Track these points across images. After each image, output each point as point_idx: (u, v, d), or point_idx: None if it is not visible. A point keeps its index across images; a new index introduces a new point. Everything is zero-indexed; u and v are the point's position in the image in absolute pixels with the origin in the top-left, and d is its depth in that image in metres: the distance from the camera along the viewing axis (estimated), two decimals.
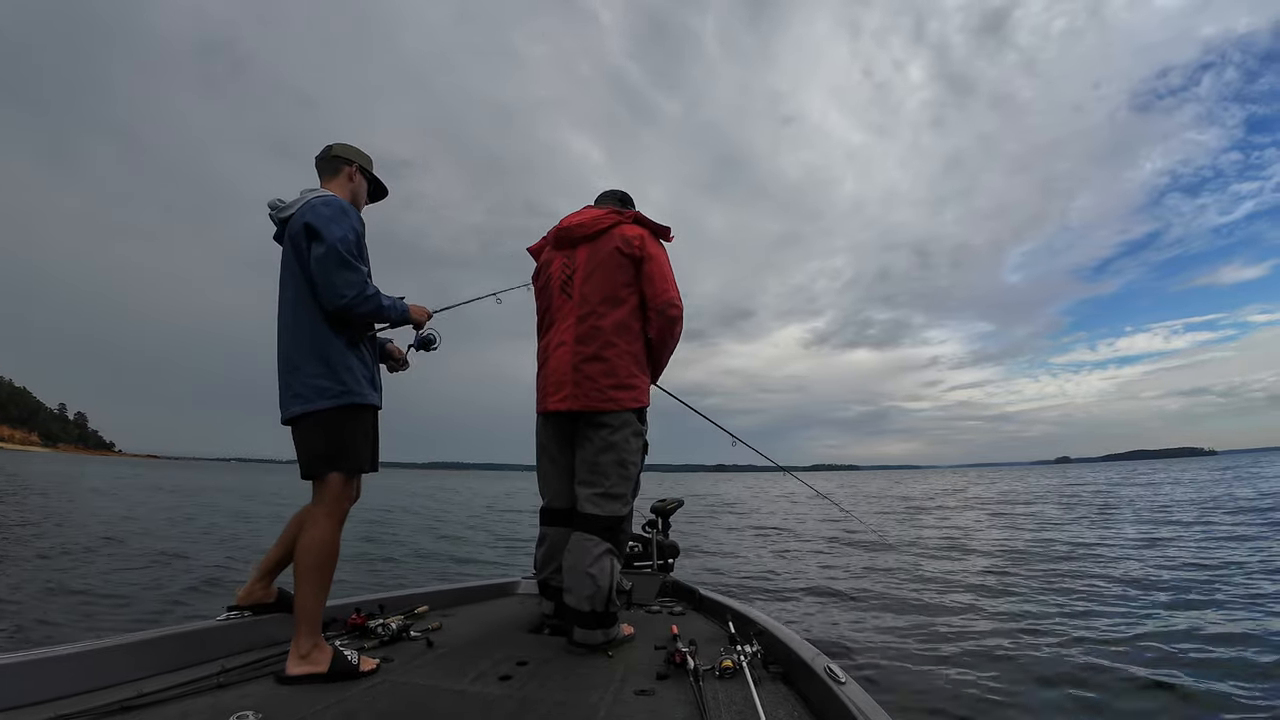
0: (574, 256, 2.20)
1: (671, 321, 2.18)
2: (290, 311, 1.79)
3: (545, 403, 2.17)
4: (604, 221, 2.18)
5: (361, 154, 2.05)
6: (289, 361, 1.77)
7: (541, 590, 2.32)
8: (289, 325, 1.79)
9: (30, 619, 4.22)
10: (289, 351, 1.77)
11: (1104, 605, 5.33)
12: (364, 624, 2.05)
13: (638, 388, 2.15)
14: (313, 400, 1.74)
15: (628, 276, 2.14)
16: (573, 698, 1.52)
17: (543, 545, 2.28)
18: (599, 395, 2.06)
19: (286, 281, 1.81)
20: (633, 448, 2.12)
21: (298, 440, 1.78)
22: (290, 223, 1.81)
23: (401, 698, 1.51)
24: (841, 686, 1.35)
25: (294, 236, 1.78)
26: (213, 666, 1.60)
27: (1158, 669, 3.66)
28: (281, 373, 1.79)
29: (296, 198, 1.86)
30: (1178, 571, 6.53)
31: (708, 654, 1.77)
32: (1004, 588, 6.26)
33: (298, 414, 1.75)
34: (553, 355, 2.17)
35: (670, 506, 3.48)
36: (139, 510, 13.19)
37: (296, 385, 1.75)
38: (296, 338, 1.77)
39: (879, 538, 10.03)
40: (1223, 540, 8.71)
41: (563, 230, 2.25)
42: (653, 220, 2.25)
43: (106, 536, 8.48)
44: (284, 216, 1.83)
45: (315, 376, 1.75)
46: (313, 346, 1.77)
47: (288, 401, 1.77)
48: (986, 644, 4.31)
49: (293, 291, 1.79)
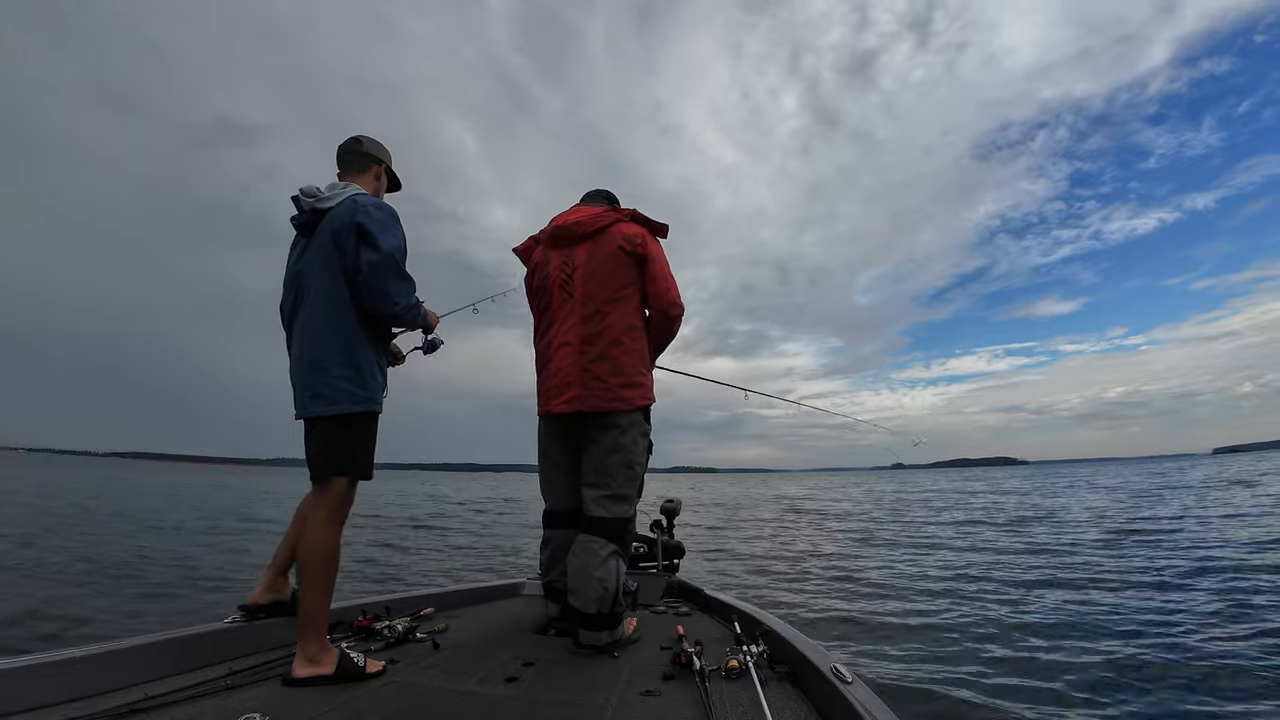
0: (573, 255, 2.16)
1: (672, 321, 2.21)
2: (322, 308, 1.75)
3: (549, 404, 2.11)
4: (603, 219, 2.16)
5: (387, 152, 2.06)
6: (315, 360, 1.73)
7: (546, 593, 2.28)
8: (320, 322, 1.75)
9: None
10: (316, 349, 1.74)
11: (1101, 604, 5.31)
12: (370, 626, 2.05)
13: (645, 385, 2.14)
14: (338, 403, 1.73)
15: (630, 275, 2.13)
16: (579, 699, 1.52)
17: (547, 548, 2.23)
18: (608, 395, 2.04)
19: (315, 275, 1.77)
20: (639, 448, 2.12)
21: (314, 440, 1.76)
22: (331, 217, 1.77)
23: (408, 699, 1.51)
24: (848, 686, 1.34)
25: (338, 233, 1.75)
26: (220, 669, 1.60)
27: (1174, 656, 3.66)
28: (302, 369, 1.75)
29: (331, 188, 1.83)
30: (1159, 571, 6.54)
31: (714, 654, 1.77)
32: (1002, 587, 6.23)
33: (322, 415, 1.72)
34: (556, 356, 2.11)
35: (677, 507, 3.48)
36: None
37: (321, 385, 1.72)
38: (328, 337, 1.75)
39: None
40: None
41: (560, 228, 2.20)
42: (650, 218, 2.23)
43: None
44: (324, 208, 1.79)
45: (343, 380, 1.74)
46: (344, 348, 1.75)
47: (309, 401, 1.73)
48: (989, 644, 4.30)
49: (326, 288, 1.76)
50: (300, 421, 1.82)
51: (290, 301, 1.85)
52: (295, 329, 1.81)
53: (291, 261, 1.87)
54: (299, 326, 1.79)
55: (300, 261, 1.83)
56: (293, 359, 1.80)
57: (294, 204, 1.83)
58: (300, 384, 1.76)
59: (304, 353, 1.76)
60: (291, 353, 1.82)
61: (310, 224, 1.82)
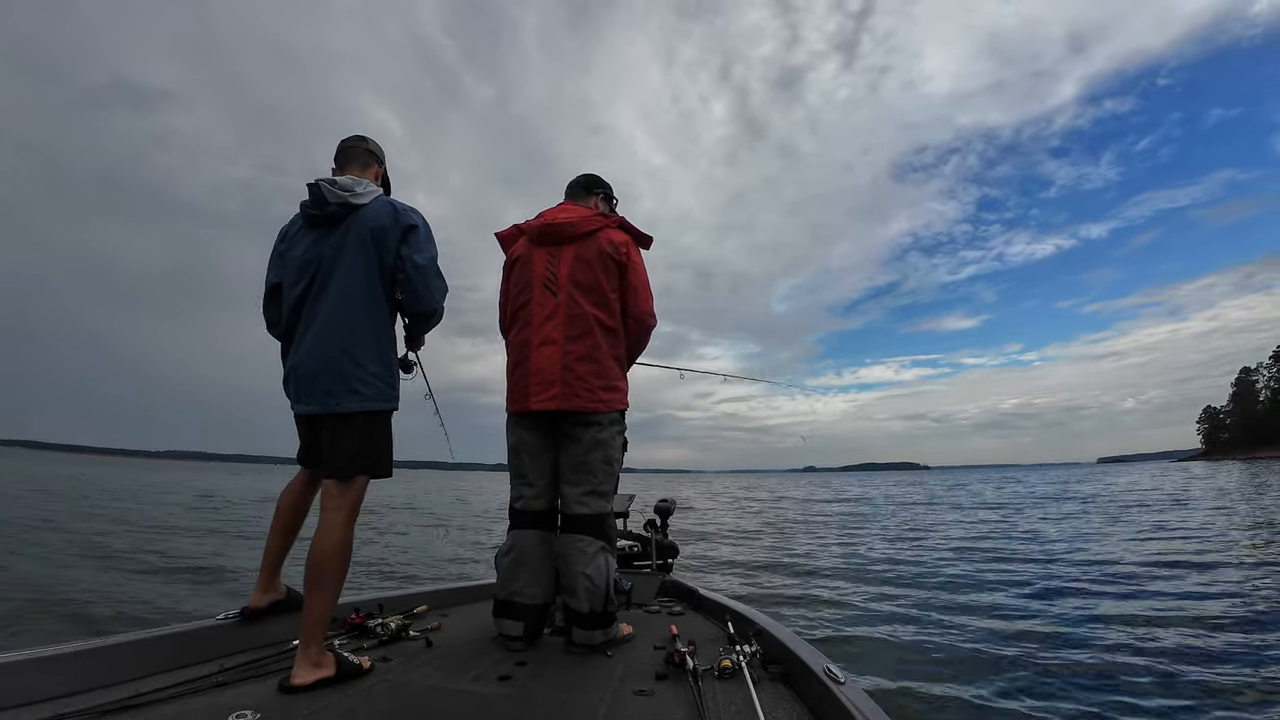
0: (560, 254, 2.16)
1: (647, 330, 2.26)
2: (359, 303, 1.75)
3: (527, 401, 2.05)
4: (593, 223, 2.17)
5: (383, 154, 2.11)
6: (349, 352, 1.71)
7: (504, 610, 2.02)
8: (358, 317, 1.74)
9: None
10: (350, 342, 1.72)
11: (1101, 604, 5.34)
12: (363, 624, 2.04)
13: (622, 390, 2.16)
14: (371, 400, 1.71)
15: (613, 280, 2.14)
16: (572, 698, 1.52)
17: (510, 554, 2.06)
18: (590, 396, 2.04)
19: (347, 269, 1.75)
20: (617, 445, 2.13)
21: (337, 436, 1.71)
22: (366, 214, 1.79)
23: (401, 697, 1.50)
24: (840, 687, 1.35)
25: (378, 232, 1.77)
26: (211, 666, 1.60)
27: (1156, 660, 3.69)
28: (330, 358, 1.70)
29: (356, 183, 1.82)
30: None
31: (707, 654, 1.77)
32: (999, 588, 6.26)
33: (355, 410, 1.69)
34: (537, 352, 2.07)
35: (671, 507, 3.48)
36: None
37: (354, 380, 1.70)
38: (363, 331, 1.74)
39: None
40: None
41: (551, 226, 2.18)
42: (636, 228, 2.26)
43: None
44: (357, 204, 1.79)
45: (376, 377, 1.73)
46: (378, 344, 1.76)
47: (340, 394, 1.69)
48: (986, 644, 4.31)
49: (361, 284, 1.75)
50: (285, 416, 1.80)
51: (302, 289, 1.79)
52: (316, 318, 1.76)
53: (301, 249, 1.82)
54: (323, 316, 1.74)
55: (315, 250, 1.79)
56: (308, 347, 1.74)
57: (312, 192, 1.80)
58: (325, 373, 1.70)
59: (335, 342, 1.71)
60: (300, 341, 1.77)
61: (336, 217, 1.80)
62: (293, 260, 1.84)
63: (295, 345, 1.79)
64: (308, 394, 1.73)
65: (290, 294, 1.83)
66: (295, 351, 1.78)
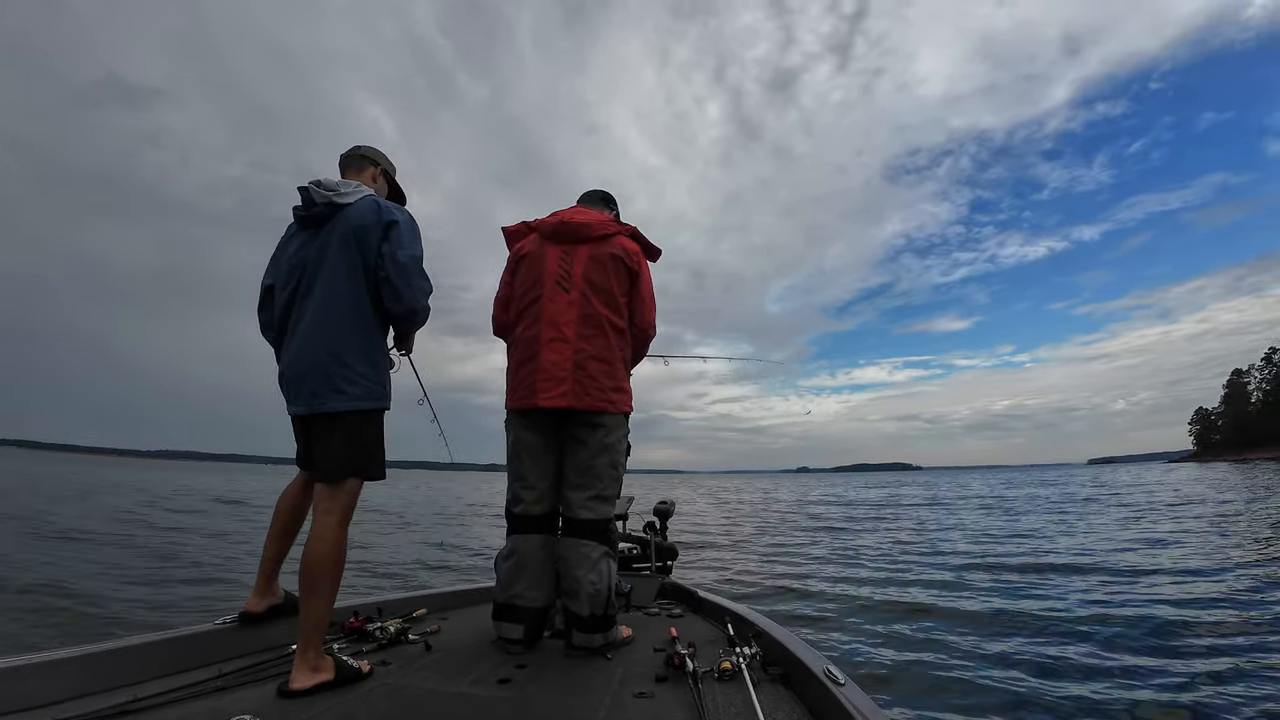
0: (574, 253, 2.15)
1: (648, 340, 2.30)
2: (343, 304, 1.73)
3: (534, 398, 2.01)
4: (608, 228, 2.19)
5: (387, 159, 2.08)
6: (334, 353, 1.69)
7: (504, 613, 2.01)
8: (343, 317, 1.73)
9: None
10: (336, 342, 1.70)
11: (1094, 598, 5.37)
12: (362, 627, 2.03)
13: (629, 392, 2.17)
14: (359, 399, 1.70)
15: (624, 285, 2.15)
16: (572, 701, 1.52)
17: (510, 558, 2.04)
18: (600, 395, 2.03)
19: (331, 269, 1.74)
20: (623, 449, 2.13)
21: (326, 438, 1.70)
22: (350, 213, 1.77)
23: (400, 701, 1.50)
24: (841, 688, 1.35)
25: (360, 230, 1.75)
26: (210, 671, 1.59)
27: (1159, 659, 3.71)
28: (318, 359, 1.69)
29: (344, 184, 1.82)
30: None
31: (707, 656, 1.77)
32: (996, 587, 6.28)
33: (342, 410, 1.68)
34: (547, 348, 2.04)
35: (670, 509, 3.48)
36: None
37: (339, 380, 1.68)
38: (350, 332, 1.73)
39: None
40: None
41: (565, 225, 2.17)
42: (648, 240, 2.29)
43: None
44: (342, 204, 1.78)
45: (363, 376, 1.72)
46: (363, 344, 1.74)
47: (326, 394, 1.68)
48: (986, 644, 4.33)
49: (344, 285, 1.74)
50: (278, 416, 1.80)
51: (290, 291, 1.80)
52: (302, 319, 1.75)
53: (291, 251, 1.83)
54: (309, 317, 1.74)
55: (303, 253, 1.79)
56: (295, 349, 1.74)
57: (301, 195, 1.81)
58: (311, 375, 1.70)
59: (320, 344, 1.70)
60: (290, 343, 1.77)
61: (321, 217, 1.79)
62: (284, 263, 1.84)
63: (286, 347, 1.79)
64: (297, 395, 1.73)
65: (280, 296, 1.83)
66: (286, 353, 1.78)
